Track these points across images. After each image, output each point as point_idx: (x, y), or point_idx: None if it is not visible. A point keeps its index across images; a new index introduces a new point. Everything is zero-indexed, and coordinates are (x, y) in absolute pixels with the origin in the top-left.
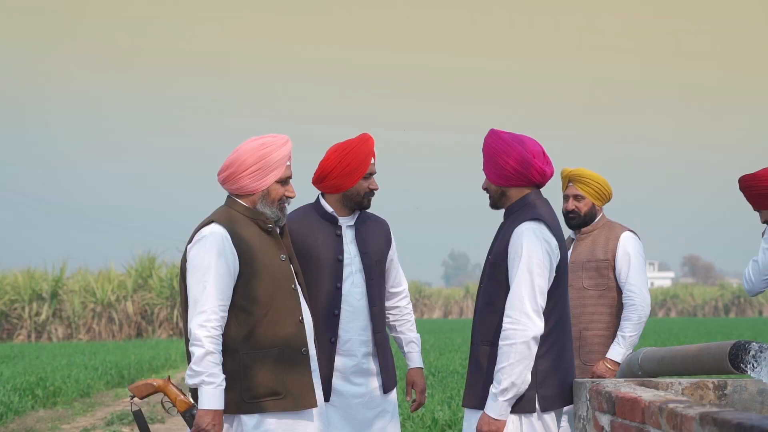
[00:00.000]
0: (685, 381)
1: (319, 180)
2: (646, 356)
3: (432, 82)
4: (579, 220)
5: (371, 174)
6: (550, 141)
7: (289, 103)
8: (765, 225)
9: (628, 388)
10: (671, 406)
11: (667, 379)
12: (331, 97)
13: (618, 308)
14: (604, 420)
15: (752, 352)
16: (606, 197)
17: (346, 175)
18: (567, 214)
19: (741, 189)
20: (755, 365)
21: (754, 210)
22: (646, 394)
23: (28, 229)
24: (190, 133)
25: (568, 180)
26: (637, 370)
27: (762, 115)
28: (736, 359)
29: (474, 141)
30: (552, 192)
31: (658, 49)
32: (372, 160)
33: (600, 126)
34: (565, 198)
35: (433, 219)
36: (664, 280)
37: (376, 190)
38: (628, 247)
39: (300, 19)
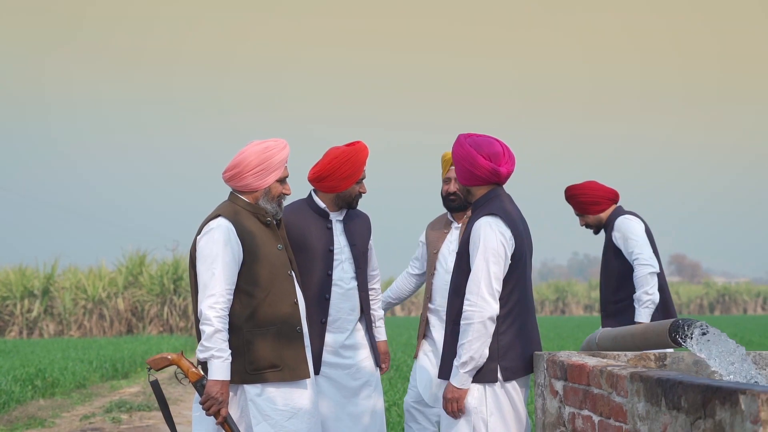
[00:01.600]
0: (631, 353)
1: (317, 180)
2: (603, 336)
3: (432, 82)
4: (460, 203)
5: (362, 179)
6: (550, 141)
7: (290, 103)
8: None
9: (577, 357)
10: (609, 368)
11: (615, 352)
12: (331, 97)
13: None
14: (558, 385)
15: (687, 329)
16: None
17: (343, 179)
18: (448, 196)
19: (566, 198)
20: (690, 339)
21: (576, 214)
22: (591, 361)
23: (22, 228)
24: (190, 133)
25: (451, 163)
26: (595, 348)
27: (761, 116)
28: (675, 334)
29: None
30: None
31: (658, 49)
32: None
33: (599, 126)
34: (446, 180)
35: (424, 218)
36: None
37: (364, 193)
38: None
39: (301, 20)
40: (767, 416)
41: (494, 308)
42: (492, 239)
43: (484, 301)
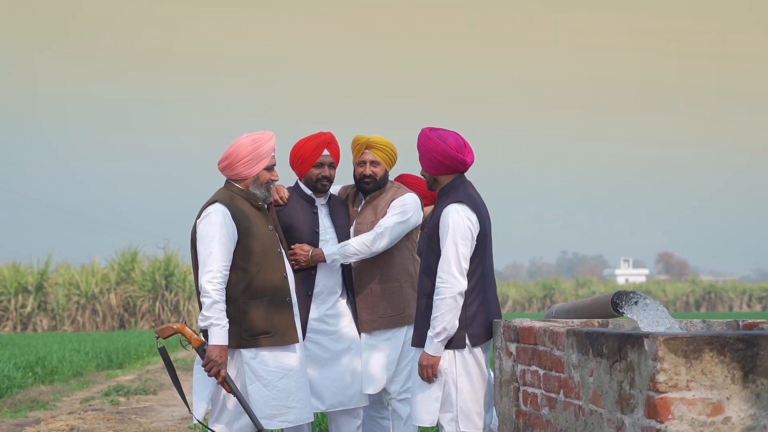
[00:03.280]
0: (577, 321)
1: (291, 167)
2: (559, 309)
3: (431, 82)
4: (374, 185)
5: (322, 164)
6: (549, 140)
7: (285, 103)
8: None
9: (528, 322)
10: (551, 328)
11: (565, 319)
12: (329, 97)
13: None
14: (512, 347)
15: (627, 299)
16: (395, 162)
17: (300, 164)
18: (363, 178)
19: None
20: (629, 309)
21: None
22: (538, 324)
23: (15, 226)
24: (182, 133)
25: (365, 146)
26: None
27: (757, 116)
28: (617, 305)
29: (472, 141)
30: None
31: (657, 49)
32: (325, 152)
33: (599, 126)
34: (361, 164)
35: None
36: (638, 276)
37: (326, 177)
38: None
39: (296, 19)
40: (663, 354)
41: (463, 284)
42: (460, 224)
43: (454, 279)
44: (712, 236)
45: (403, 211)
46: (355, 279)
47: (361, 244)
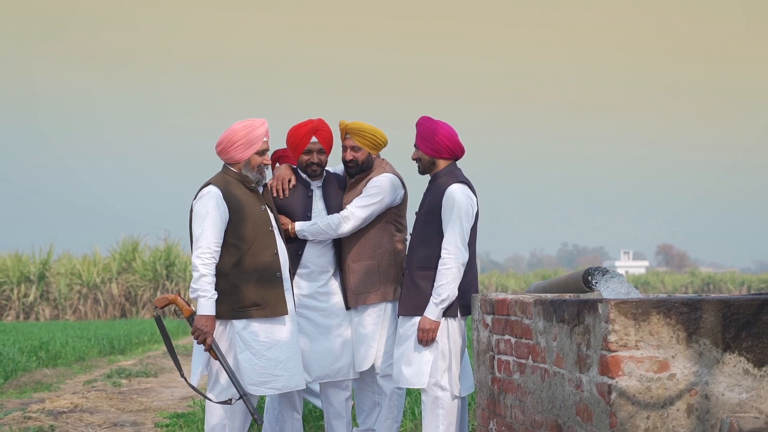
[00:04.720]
0: (551, 296)
1: (286, 157)
2: (537, 287)
3: (430, 82)
4: (357, 169)
5: (311, 151)
6: (548, 135)
7: (285, 101)
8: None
9: (502, 295)
10: (521, 299)
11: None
12: (327, 97)
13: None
14: (488, 319)
15: (597, 275)
16: (381, 146)
17: (291, 150)
18: (346, 163)
19: None
20: (599, 284)
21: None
22: (510, 296)
23: (17, 218)
24: (182, 131)
25: (345, 133)
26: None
27: (748, 113)
28: (588, 281)
29: (472, 134)
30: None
31: (645, 47)
32: (313, 139)
33: (589, 123)
34: (344, 149)
35: None
36: (638, 268)
37: (315, 163)
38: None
39: (295, 18)
40: (615, 316)
41: (466, 256)
42: (464, 202)
43: (459, 251)
44: (712, 228)
45: (373, 193)
46: (342, 257)
47: (327, 225)
